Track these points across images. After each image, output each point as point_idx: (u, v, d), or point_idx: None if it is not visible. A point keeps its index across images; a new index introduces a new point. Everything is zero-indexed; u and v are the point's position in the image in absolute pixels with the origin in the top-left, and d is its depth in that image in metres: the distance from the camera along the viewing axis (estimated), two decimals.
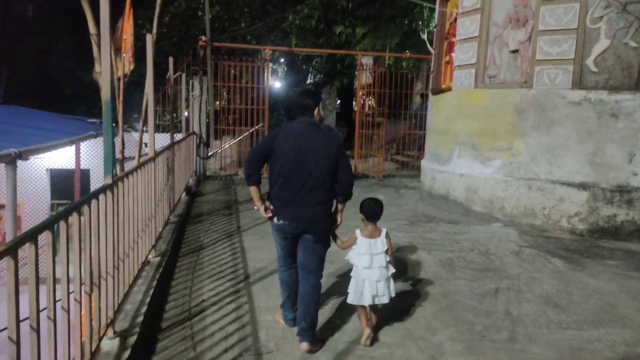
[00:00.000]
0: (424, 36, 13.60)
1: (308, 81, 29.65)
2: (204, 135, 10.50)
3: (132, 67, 5.44)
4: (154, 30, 5.21)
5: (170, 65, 6.15)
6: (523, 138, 6.68)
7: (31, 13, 18.68)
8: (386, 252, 3.33)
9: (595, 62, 6.25)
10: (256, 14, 17.17)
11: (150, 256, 4.65)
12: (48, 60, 18.48)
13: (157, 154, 4.89)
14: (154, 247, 4.74)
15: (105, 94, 2.85)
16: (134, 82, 15.90)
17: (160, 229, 5.31)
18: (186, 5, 16.37)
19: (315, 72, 17.95)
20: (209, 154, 11.02)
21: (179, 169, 7.23)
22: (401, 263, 5.13)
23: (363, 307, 3.34)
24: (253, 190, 3.34)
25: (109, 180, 2.91)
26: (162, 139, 9.13)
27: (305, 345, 3.20)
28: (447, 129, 7.70)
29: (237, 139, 11.46)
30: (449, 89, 7.72)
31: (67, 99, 14.63)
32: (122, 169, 5.52)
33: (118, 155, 5.52)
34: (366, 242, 3.32)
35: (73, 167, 9.26)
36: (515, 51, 6.74)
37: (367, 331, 3.33)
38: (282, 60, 24.09)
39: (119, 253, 3.16)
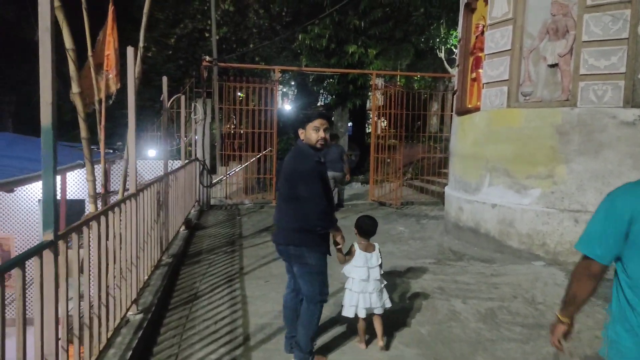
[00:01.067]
0: (442, 54, 12.87)
1: (319, 103, 29.11)
2: (207, 161, 9.77)
3: (117, 87, 4.72)
4: (141, 43, 4.50)
5: (164, 85, 5.46)
6: (567, 164, 5.83)
7: (37, 37, 18.36)
8: (380, 265, 3.64)
9: None
10: (265, 34, 16.62)
11: (130, 313, 3.85)
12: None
13: (140, 189, 4.12)
14: (135, 301, 3.93)
15: (45, 118, 2.09)
16: (139, 106, 15.37)
17: (147, 276, 4.52)
18: (192, 26, 15.86)
19: (326, 94, 17.25)
20: (214, 181, 10.28)
21: (175, 201, 6.47)
22: (433, 313, 4.27)
23: (362, 319, 3.60)
24: None
25: (49, 237, 2.12)
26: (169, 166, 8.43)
27: None
28: (475, 154, 6.87)
29: (243, 165, 10.72)
30: (476, 109, 6.91)
31: (68, 124, 14.11)
32: (105, 203, 4.77)
33: (100, 189, 4.77)
34: (363, 255, 3.60)
35: (70, 197, 8.57)
36: (554, 65, 5.94)
37: (364, 341, 3.67)
38: (292, 83, 23.55)
39: (66, 329, 2.36)
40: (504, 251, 6.32)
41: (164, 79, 5.57)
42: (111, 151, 9.57)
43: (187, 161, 8.03)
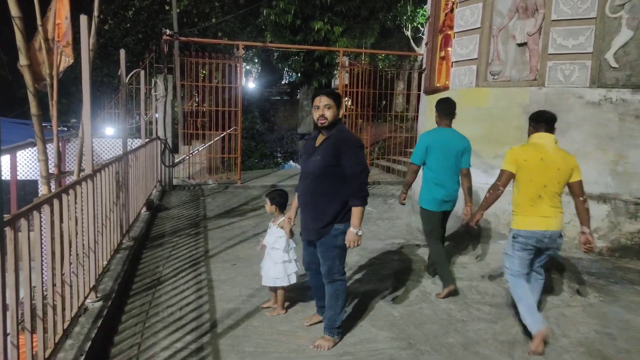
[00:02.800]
0: (408, 33, 12.76)
1: (283, 81, 28.70)
2: (169, 140, 9.42)
3: (70, 61, 4.38)
4: (95, 12, 4.18)
5: (122, 58, 5.12)
6: None
7: None
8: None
9: (616, 57, 5.45)
10: (228, 9, 16.06)
11: (88, 301, 3.63)
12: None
13: (97, 170, 3.86)
14: (94, 288, 3.71)
15: None
16: (97, 82, 14.65)
17: (106, 261, 4.29)
18: None
19: (291, 72, 16.94)
20: (176, 161, 9.94)
21: (136, 182, 6.19)
22: (403, 294, 4.23)
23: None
24: None
25: None
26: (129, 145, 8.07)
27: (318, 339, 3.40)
28: None
29: (207, 144, 10.41)
30: (445, 88, 6.85)
31: (21, 100, 13.36)
32: (60, 185, 4.48)
33: (53, 170, 4.46)
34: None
35: (22, 177, 8.12)
36: (523, 44, 5.91)
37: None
38: (255, 60, 23.03)
39: (16, 322, 2.16)
40: (471, 231, 6.33)
41: (122, 52, 5.23)
42: (65, 129, 9.09)
43: (147, 140, 7.70)
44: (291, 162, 13.24)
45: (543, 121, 3.76)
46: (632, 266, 5.31)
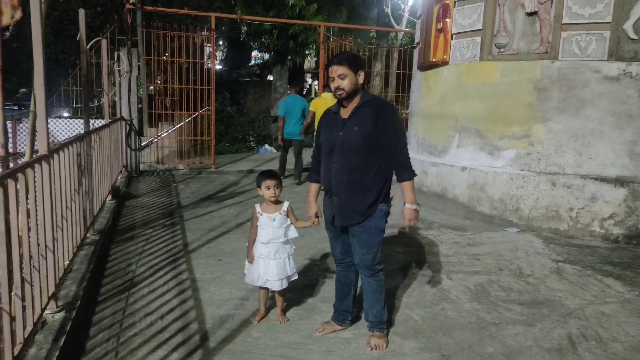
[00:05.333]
0: (388, 9, 12.16)
1: (251, 63, 27.64)
2: (135, 121, 8.56)
3: (16, 16, 3.58)
4: None
5: (81, 19, 4.32)
6: (544, 123, 5.38)
7: None
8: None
9: (635, 27, 5.01)
10: None
11: (48, 312, 2.92)
12: None
13: (54, 150, 3.12)
14: (53, 295, 2.99)
15: None
16: (52, 60, 13.41)
17: (68, 261, 3.55)
18: None
19: (263, 51, 16.06)
20: (143, 144, 9.09)
21: (100, 166, 5.41)
22: (420, 293, 3.68)
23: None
24: None
25: None
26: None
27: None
28: (442, 113, 6.30)
29: (176, 126, 9.58)
30: (444, 63, 6.30)
31: None
32: (5, 168, 3.69)
33: None
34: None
35: None
36: (532, 14, 5.41)
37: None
38: (221, 41, 21.91)
39: None
40: (473, 217, 5.87)
41: (81, 12, 4.41)
42: (16, 108, 8.10)
43: (111, 120, 6.86)
44: (266, 146, 12.50)
45: None
46: None
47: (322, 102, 7.35)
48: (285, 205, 3.12)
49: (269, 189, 3.06)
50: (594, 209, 5.22)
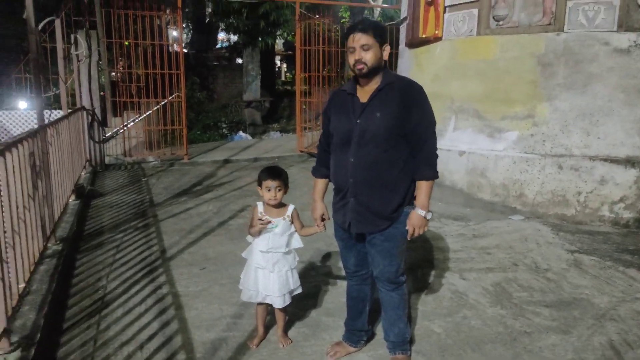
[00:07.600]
0: None
1: (218, 46, 26.61)
2: (98, 110, 7.84)
3: None
4: None
5: None
6: (549, 101, 5.00)
7: None
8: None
9: None
10: None
11: None
12: None
13: (1, 150, 2.52)
14: (5, 332, 2.43)
15: None
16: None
17: (24, 282, 2.97)
18: None
19: (232, 32, 15.27)
20: (107, 135, 8.37)
21: (60, 164, 4.77)
22: (435, 300, 3.25)
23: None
24: None
25: None
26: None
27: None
28: (436, 93, 5.80)
29: (144, 115, 8.87)
30: (436, 39, 5.84)
31: None
32: None
33: None
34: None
35: None
36: None
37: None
38: (184, 25, 20.86)
39: None
40: (473, 205, 5.48)
41: None
42: None
43: (70, 111, 6.17)
44: (241, 133, 11.89)
45: None
46: None
47: None
48: (290, 209, 2.62)
49: (269, 190, 2.56)
50: (603, 192, 4.89)
